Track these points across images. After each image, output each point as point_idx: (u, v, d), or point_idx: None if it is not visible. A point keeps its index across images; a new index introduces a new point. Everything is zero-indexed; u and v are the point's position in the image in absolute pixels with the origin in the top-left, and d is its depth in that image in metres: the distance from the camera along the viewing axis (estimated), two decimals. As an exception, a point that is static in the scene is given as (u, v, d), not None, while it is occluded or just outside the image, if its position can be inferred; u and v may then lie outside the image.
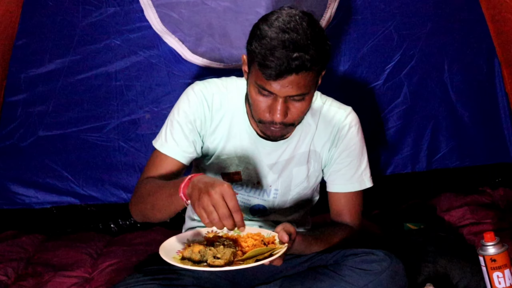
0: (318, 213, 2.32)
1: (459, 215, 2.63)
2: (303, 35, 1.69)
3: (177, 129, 1.93)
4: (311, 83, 1.76)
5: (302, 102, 1.78)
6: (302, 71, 1.69)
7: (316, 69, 1.73)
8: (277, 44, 1.68)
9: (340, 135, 1.99)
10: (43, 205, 2.77)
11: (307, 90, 1.75)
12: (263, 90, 1.75)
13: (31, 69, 2.67)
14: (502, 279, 1.89)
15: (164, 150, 1.94)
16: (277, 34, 1.69)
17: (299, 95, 1.75)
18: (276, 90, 1.73)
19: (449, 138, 2.92)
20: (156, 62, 2.70)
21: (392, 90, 2.84)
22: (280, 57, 1.67)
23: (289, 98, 1.76)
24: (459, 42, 2.85)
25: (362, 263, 1.78)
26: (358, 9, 2.74)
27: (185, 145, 1.93)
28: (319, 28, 1.76)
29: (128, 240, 2.63)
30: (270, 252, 1.66)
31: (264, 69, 1.70)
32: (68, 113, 2.72)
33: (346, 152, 2.00)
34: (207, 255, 1.64)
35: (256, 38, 1.73)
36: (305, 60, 1.68)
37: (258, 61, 1.71)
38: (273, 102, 1.76)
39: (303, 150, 1.99)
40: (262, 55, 1.69)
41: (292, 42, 1.67)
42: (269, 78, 1.71)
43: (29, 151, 2.73)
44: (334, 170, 2.02)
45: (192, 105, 1.93)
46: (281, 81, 1.71)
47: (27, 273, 2.32)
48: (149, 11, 2.64)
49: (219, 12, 2.69)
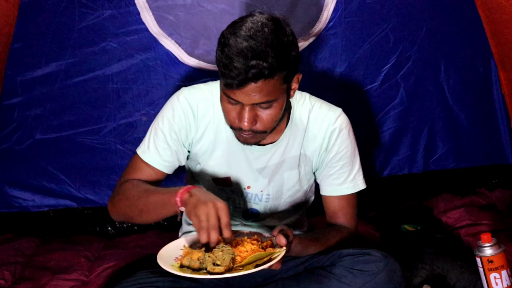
0: (315, 214, 2.32)
1: (456, 217, 2.63)
2: (263, 42, 1.66)
3: (161, 138, 1.93)
4: (276, 89, 1.72)
5: (271, 109, 1.76)
6: (261, 79, 1.67)
7: (278, 75, 1.70)
8: (236, 52, 1.66)
9: (331, 139, 1.96)
10: (40, 208, 2.76)
11: (272, 97, 1.73)
12: (230, 99, 1.74)
13: (27, 72, 2.67)
14: (499, 280, 1.89)
15: (145, 158, 1.94)
16: (237, 43, 1.67)
17: (264, 102, 1.73)
18: (240, 98, 1.71)
19: (445, 140, 2.92)
20: (153, 64, 2.70)
21: (389, 91, 2.84)
22: (237, 66, 1.65)
23: (256, 105, 1.74)
24: (455, 43, 2.85)
25: (358, 263, 1.78)
26: (354, 10, 2.74)
27: (167, 154, 1.93)
28: (283, 33, 1.71)
29: (125, 243, 2.62)
30: (269, 257, 1.66)
31: (225, 79, 1.69)
32: (64, 116, 2.72)
33: (338, 155, 1.97)
34: (207, 262, 1.63)
35: (220, 46, 1.72)
36: (263, 67, 1.65)
37: (220, 71, 1.70)
38: (241, 110, 1.75)
39: (293, 154, 1.97)
40: (223, 64, 1.69)
41: (250, 50, 1.65)
42: (231, 88, 1.69)
43: (26, 154, 2.72)
44: (326, 174, 2.00)
45: (177, 114, 1.92)
46: (243, 90, 1.69)
47: (24, 277, 2.31)
48: (146, 13, 2.64)
49: (216, 15, 2.69)
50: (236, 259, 1.66)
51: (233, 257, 1.64)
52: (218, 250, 1.65)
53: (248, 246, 1.71)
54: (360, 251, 1.82)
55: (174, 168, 1.98)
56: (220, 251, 1.65)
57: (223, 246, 1.67)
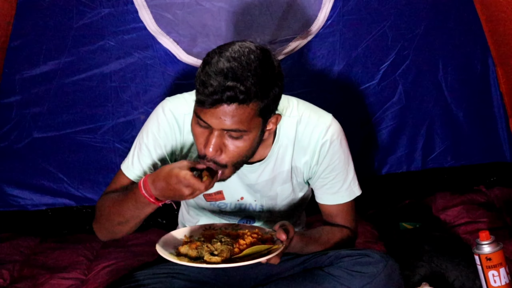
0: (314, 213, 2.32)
1: (454, 214, 2.63)
2: (245, 66, 1.60)
3: (145, 153, 1.85)
4: (249, 120, 1.64)
5: (240, 141, 1.67)
6: (235, 102, 1.59)
7: (254, 105, 1.62)
8: (215, 71, 1.59)
9: (322, 152, 1.87)
10: (38, 207, 2.76)
11: (244, 127, 1.64)
12: (200, 120, 1.66)
13: (25, 70, 2.67)
14: (497, 277, 1.90)
15: (129, 174, 1.87)
16: (219, 62, 1.61)
17: (234, 130, 1.64)
18: (210, 121, 1.63)
19: (444, 138, 2.92)
20: (151, 63, 2.70)
21: (387, 89, 2.84)
22: (213, 84, 1.58)
23: (225, 133, 1.65)
24: (454, 41, 2.85)
25: (357, 265, 1.77)
26: (352, 9, 2.74)
27: (151, 171, 1.85)
28: (269, 64, 1.65)
29: (123, 242, 2.62)
30: (267, 250, 1.66)
31: (199, 95, 1.62)
32: (63, 115, 2.72)
33: (331, 167, 1.90)
34: (204, 252, 1.63)
35: (202, 64, 1.66)
36: (238, 91, 1.58)
37: (196, 87, 1.64)
38: (209, 135, 1.66)
39: (284, 169, 1.90)
40: (200, 81, 1.62)
41: (230, 71, 1.59)
42: (203, 106, 1.62)
43: (24, 153, 2.72)
44: (320, 184, 1.94)
45: (162, 128, 1.84)
46: (214, 111, 1.61)
47: (23, 275, 2.32)
48: (144, 12, 2.64)
49: (214, 13, 2.69)
50: (234, 251, 1.65)
51: (231, 248, 1.64)
52: (216, 240, 1.66)
53: (248, 239, 1.70)
54: (359, 252, 1.81)
55: None
56: (219, 242, 1.65)
57: (222, 237, 1.67)
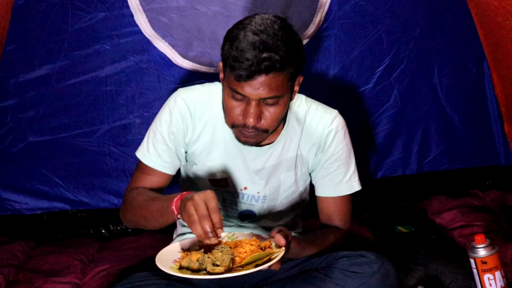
0: (308, 217, 2.32)
1: (450, 218, 2.64)
2: (274, 36, 1.70)
3: (160, 140, 1.94)
4: (284, 85, 1.75)
5: (276, 106, 1.77)
6: (272, 71, 1.69)
7: (287, 71, 1.73)
8: (248, 45, 1.69)
9: (327, 140, 1.97)
10: (33, 211, 2.75)
11: (279, 92, 1.74)
12: (236, 94, 1.75)
13: (20, 74, 2.66)
14: (493, 281, 1.90)
15: (147, 161, 1.96)
16: (248, 37, 1.70)
17: (271, 97, 1.74)
18: (248, 92, 1.72)
19: (439, 141, 2.93)
20: (146, 67, 2.70)
21: (382, 93, 2.85)
22: (249, 58, 1.67)
23: (262, 102, 1.75)
24: (449, 45, 2.86)
25: (353, 265, 1.78)
26: (347, 13, 2.75)
27: (167, 156, 1.95)
28: (291, 31, 1.76)
29: (119, 246, 2.62)
30: (268, 257, 1.66)
31: (235, 71, 1.70)
32: (58, 119, 2.71)
33: (334, 157, 1.99)
34: (206, 263, 1.63)
35: (228, 41, 1.74)
36: (275, 60, 1.68)
37: (229, 64, 1.72)
38: (246, 106, 1.76)
39: (289, 155, 1.98)
40: (232, 57, 1.70)
41: (262, 43, 1.68)
42: (240, 80, 1.71)
43: (19, 157, 2.71)
44: (322, 175, 2.01)
45: (174, 116, 1.93)
46: (252, 83, 1.70)
47: (18, 280, 2.31)
48: (139, 16, 2.64)
49: (209, 17, 2.69)
50: (235, 260, 1.66)
51: (232, 257, 1.65)
52: (217, 250, 1.66)
53: (247, 247, 1.71)
54: (355, 253, 1.82)
55: (176, 168, 2.00)
56: (220, 251, 1.65)
57: (222, 247, 1.68)
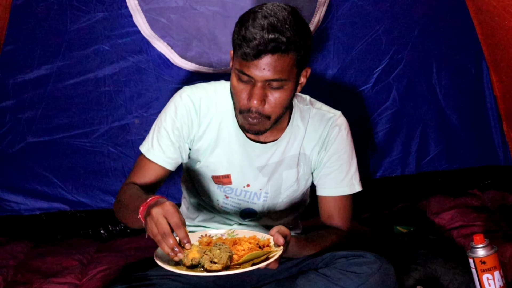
0: (308, 217, 2.32)
1: (448, 218, 2.64)
2: (282, 20, 1.73)
3: (164, 135, 1.95)
4: (289, 69, 1.77)
5: (281, 91, 1.79)
6: (278, 52, 1.72)
7: (293, 54, 1.75)
8: (256, 27, 1.72)
9: (330, 138, 2.00)
10: (32, 212, 2.75)
11: (284, 75, 1.76)
12: (243, 75, 1.77)
13: (19, 75, 2.66)
14: (492, 281, 1.90)
15: (150, 156, 1.97)
16: (258, 20, 1.73)
17: (276, 80, 1.76)
18: (253, 73, 1.75)
19: (438, 141, 2.93)
20: (145, 67, 2.70)
21: (381, 93, 2.85)
22: (256, 38, 1.71)
23: (267, 85, 1.78)
24: (448, 45, 2.86)
25: (352, 265, 1.78)
26: (346, 13, 2.75)
27: (171, 151, 1.96)
28: (300, 18, 1.79)
29: (118, 246, 2.62)
30: (266, 256, 1.66)
31: (242, 50, 1.73)
32: (57, 119, 2.71)
33: (336, 155, 2.01)
34: (204, 260, 1.63)
35: (239, 24, 1.78)
36: (281, 42, 1.71)
37: (238, 44, 1.75)
38: (251, 88, 1.78)
39: (292, 153, 2.00)
40: (241, 37, 1.74)
41: (270, 25, 1.72)
42: (247, 58, 1.73)
43: (18, 157, 2.71)
44: (324, 173, 2.03)
45: (179, 112, 1.95)
46: (258, 62, 1.73)
47: (16, 281, 2.30)
48: (138, 16, 2.64)
49: (208, 17, 2.69)
50: (233, 258, 1.66)
51: (230, 255, 1.65)
52: (215, 248, 1.66)
53: (245, 245, 1.71)
54: (354, 253, 1.83)
55: (177, 165, 2.01)
56: (218, 249, 1.65)
57: (220, 245, 1.68)
